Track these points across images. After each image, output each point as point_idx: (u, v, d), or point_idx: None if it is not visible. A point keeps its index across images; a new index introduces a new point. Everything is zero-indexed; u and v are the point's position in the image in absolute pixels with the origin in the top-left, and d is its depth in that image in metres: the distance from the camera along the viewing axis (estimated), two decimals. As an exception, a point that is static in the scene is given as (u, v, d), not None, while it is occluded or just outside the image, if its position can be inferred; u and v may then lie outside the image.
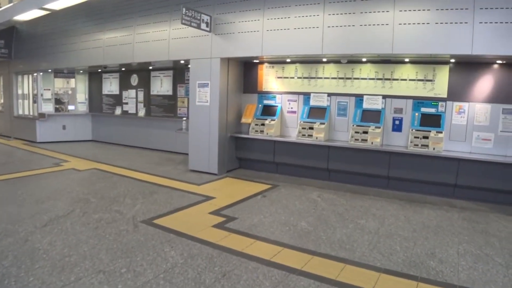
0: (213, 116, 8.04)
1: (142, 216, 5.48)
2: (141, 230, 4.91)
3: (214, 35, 7.93)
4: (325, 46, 6.84)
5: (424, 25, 6.15)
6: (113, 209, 5.72)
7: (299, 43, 7.10)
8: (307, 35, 7.01)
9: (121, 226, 5.02)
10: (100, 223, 5.11)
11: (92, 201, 6.13)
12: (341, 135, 7.85)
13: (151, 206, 5.95)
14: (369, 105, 7.52)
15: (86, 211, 5.60)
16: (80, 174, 8.09)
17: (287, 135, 8.39)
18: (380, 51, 6.52)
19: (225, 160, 8.36)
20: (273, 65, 8.52)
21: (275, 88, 8.53)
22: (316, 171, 7.90)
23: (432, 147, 6.73)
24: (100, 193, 6.59)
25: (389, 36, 6.36)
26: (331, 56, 7.28)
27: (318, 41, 6.89)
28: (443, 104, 7.03)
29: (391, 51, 6.42)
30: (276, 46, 7.34)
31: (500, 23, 5.76)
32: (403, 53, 6.49)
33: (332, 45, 6.83)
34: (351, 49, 6.72)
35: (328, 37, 6.83)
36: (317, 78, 8.03)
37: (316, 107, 7.99)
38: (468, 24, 5.92)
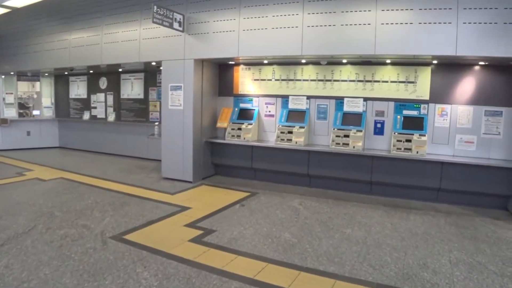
0: (187, 121, 7.60)
1: (111, 231, 4.98)
2: (110, 248, 4.42)
3: (188, 35, 7.51)
4: (305, 46, 6.55)
5: (407, 25, 5.94)
6: (79, 224, 5.19)
7: (278, 43, 6.77)
8: (286, 35, 6.69)
9: (88, 243, 4.52)
10: (65, 241, 4.59)
11: (56, 215, 5.58)
12: (321, 139, 7.55)
13: (122, 219, 5.45)
14: (350, 108, 7.27)
15: (50, 227, 5.05)
16: (45, 185, 7.45)
17: (265, 140, 8.05)
18: (362, 51, 6.27)
19: (200, 167, 7.93)
20: (250, 66, 8.16)
21: (251, 91, 8.18)
22: (296, 177, 7.59)
23: (416, 151, 6.50)
24: (66, 206, 6.03)
25: (371, 36, 6.13)
26: (311, 57, 7.00)
27: (298, 41, 6.58)
28: (425, 107, 6.84)
29: (373, 52, 6.17)
30: (253, 47, 6.99)
31: (484, 24, 5.61)
32: (385, 54, 6.25)
33: (312, 45, 6.54)
34: (332, 49, 6.44)
35: (308, 38, 6.53)
36: (295, 80, 7.74)
37: (295, 111, 7.67)
38: (452, 25, 5.74)
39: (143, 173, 8.64)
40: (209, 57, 7.48)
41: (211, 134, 8.30)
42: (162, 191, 7.11)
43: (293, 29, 6.63)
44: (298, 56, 6.90)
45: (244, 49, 7.04)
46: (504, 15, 5.56)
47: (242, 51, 7.06)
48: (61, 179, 7.92)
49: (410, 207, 6.43)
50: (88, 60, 9.40)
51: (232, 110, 8.19)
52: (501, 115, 6.53)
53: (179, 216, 5.69)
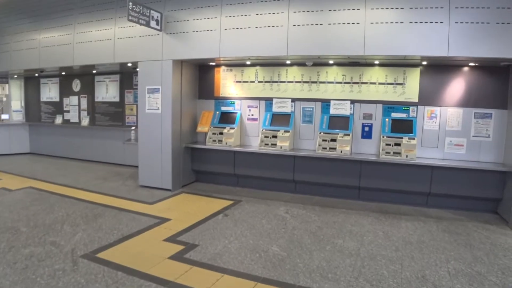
0: (166, 125, 7.14)
1: (83, 248, 4.49)
2: (81, 269, 3.95)
3: (166, 34, 7.08)
4: (290, 46, 6.23)
5: (397, 24, 5.70)
6: (48, 241, 4.68)
7: (262, 43, 6.42)
8: (270, 35, 6.35)
9: (57, 264, 4.04)
10: (31, 261, 4.09)
11: (22, 230, 5.03)
12: (307, 144, 7.24)
13: (95, 234, 4.96)
14: (337, 111, 6.96)
15: (14, 245, 4.52)
16: (11, 195, 6.83)
17: (248, 145, 7.67)
18: (351, 52, 5.98)
19: (180, 174, 7.48)
20: (231, 68, 7.78)
21: (233, 93, 7.79)
22: (281, 183, 7.25)
23: (405, 155, 6.25)
24: (34, 220, 5.48)
25: (360, 36, 5.86)
26: (297, 58, 6.67)
27: (283, 41, 6.25)
28: (414, 109, 6.62)
29: (362, 52, 5.90)
30: (235, 47, 6.61)
31: (476, 23, 5.41)
32: (375, 55, 6.00)
33: (298, 45, 6.22)
34: (319, 50, 6.13)
35: (294, 37, 6.22)
36: (279, 82, 7.38)
37: (279, 114, 7.33)
38: (444, 24, 5.54)
39: (119, 181, 8.13)
40: (189, 58, 7.05)
41: (191, 139, 7.88)
42: (140, 200, 6.63)
43: (278, 28, 6.30)
44: (283, 57, 6.58)
45: (226, 49, 6.66)
46: (497, 14, 5.39)
47: (224, 52, 6.68)
48: (30, 189, 7.31)
49: (400, 213, 6.18)
50: (59, 61, 8.81)
51: (213, 114, 7.77)
52: (491, 117, 6.37)
53: (158, 229, 5.24)
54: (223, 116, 7.73)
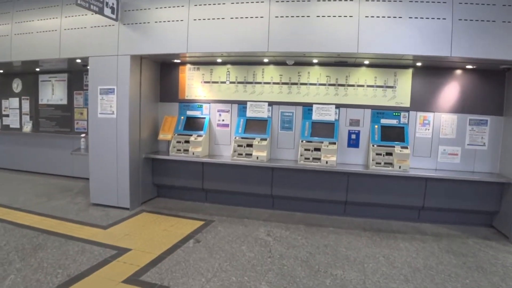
0: (122, 132, 6.00)
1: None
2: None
3: (123, 25, 5.96)
4: (272, 41, 5.34)
5: (395, 19, 5.03)
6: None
7: (238, 37, 5.49)
8: (247, 27, 5.44)
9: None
10: None
11: None
12: (286, 153, 6.35)
13: (33, 275, 3.73)
14: (320, 116, 6.14)
15: None
16: None
17: (218, 155, 6.65)
18: (343, 49, 5.19)
19: (139, 189, 6.34)
20: (199, 66, 6.72)
21: (201, 96, 6.73)
22: (257, 199, 6.31)
23: (398, 166, 5.54)
24: None
25: (354, 31, 5.10)
26: (279, 55, 5.76)
27: (263, 35, 5.35)
28: (405, 115, 5.94)
29: (356, 49, 5.12)
30: (206, 41, 5.62)
31: (481, 21, 4.82)
32: (370, 53, 5.20)
33: (281, 40, 5.34)
34: (306, 46, 5.28)
35: (276, 31, 5.33)
36: (255, 83, 6.44)
37: (255, 119, 6.39)
38: (447, 21, 4.90)
39: (66, 198, 6.79)
40: (150, 53, 5.95)
41: (152, 148, 6.74)
42: (92, 224, 5.43)
43: (257, 20, 5.39)
44: (262, 54, 5.67)
45: (194, 44, 5.65)
46: (503, 12, 4.81)
47: (192, 46, 5.67)
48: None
49: (393, 230, 5.52)
50: (-6, 57, 7.60)
51: (177, 119, 6.68)
52: (486, 124, 5.83)
53: (115, 264, 4.09)
54: (189, 121, 6.66)
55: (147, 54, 6.00)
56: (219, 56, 6.17)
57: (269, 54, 5.73)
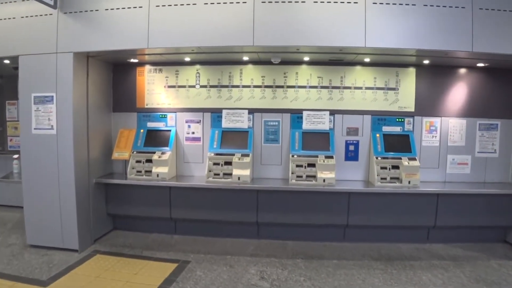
0: (65, 152, 4.53)
1: None
2: None
3: (63, 14, 4.52)
4: (258, 33, 4.18)
5: (408, 7, 4.08)
6: None
7: (214, 28, 4.26)
8: (226, 16, 4.24)
9: None
10: None
11: None
12: (272, 171, 5.19)
13: None
14: (312, 125, 5.07)
15: None
16: None
17: (188, 176, 5.34)
18: (347, 42, 4.14)
19: (90, 223, 4.87)
20: (161, 67, 5.40)
21: (165, 103, 5.41)
22: (239, 227, 5.09)
23: (407, 181, 4.61)
24: None
25: (360, 20, 4.11)
26: (266, 50, 4.55)
27: (246, 25, 4.19)
28: (410, 121, 5.04)
29: (363, 43, 4.10)
30: (173, 33, 4.33)
31: (504, 11, 4.06)
32: (381, 48, 4.18)
33: (269, 32, 4.19)
34: (300, 39, 4.16)
35: (263, 20, 4.19)
36: (231, 86, 5.24)
37: (233, 131, 5.18)
38: (466, 10, 4.05)
39: (-6, 237, 5.36)
40: (99, 50, 4.53)
41: (105, 171, 5.29)
42: (27, 278, 3.92)
43: (239, 6, 4.23)
44: (245, 49, 4.52)
45: (158, 37, 4.35)
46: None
47: (155, 40, 4.35)
48: None
49: (405, 257, 4.60)
50: None
51: (136, 133, 5.31)
52: (497, 129, 5.08)
53: None
54: (150, 136, 5.31)
55: (96, 52, 4.58)
56: (187, 54, 4.86)
57: (253, 50, 4.55)
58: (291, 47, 4.32)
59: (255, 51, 4.62)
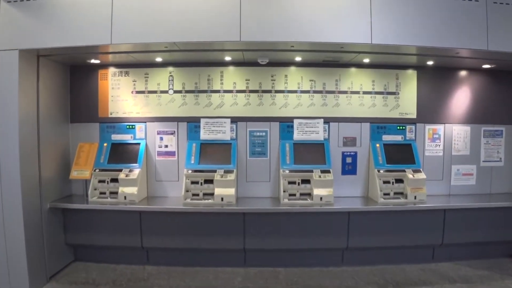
0: (8, 172, 3.60)
1: None
2: None
3: (6, 3, 3.59)
4: (245, 27, 3.45)
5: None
6: None
7: (191, 20, 3.49)
8: (207, 5, 3.47)
9: None
10: None
11: None
12: (260, 189, 4.44)
13: None
14: (304, 135, 4.37)
15: None
16: None
17: (162, 196, 4.49)
18: (352, 39, 3.49)
19: (44, 256, 3.91)
20: (128, 69, 4.54)
21: (133, 112, 4.54)
22: (223, 255, 4.26)
23: (413, 196, 4.05)
24: None
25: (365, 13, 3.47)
26: (255, 47, 3.79)
27: (231, 16, 3.46)
28: (412, 128, 4.47)
29: (369, 40, 3.48)
30: (141, 26, 3.52)
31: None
32: (387, 45, 3.55)
33: (259, 25, 3.47)
34: (296, 33, 3.45)
35: (252, 10, 3.46)
36: (210, 91, 4.46)
37: (213, 143, 4.39)
38: (480, 4, 3.57)
39: None
40: (52, 47, 3.64)
41: (62, 193, 4.35)
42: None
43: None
44: (230, 45, 3.74)
45: (123, 31, 3.52)
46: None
47: (120, 35, 3.52)
48: None
49: (415, 281, 4.03)
50: None
51: (99, 147, 4.40)
52: (501, 135, 4.62)
53: None
54: (115, 150, 4.42)
55: (47, 49, 3.69)
56: (159, 52, 4.02)
57: (239, 47, 3.78)
58: (285, 44, 3.61)
59: (241, 48, 3.84)
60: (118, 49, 3.86)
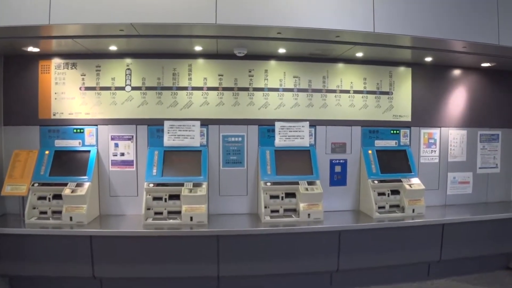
0: None
1: None
2: None
3: None
4: (222, 7, 2.70)
5: None
6: None
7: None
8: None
9: None
10: None
11: None
12: (236, 204, 3.69)
13: None
14: (288, 141, 3.67)
15: None
16: None
17: (118, 215, 3.64)
18: (351, 26, 2.85)
19: None
20: (76, 61, 3.65)
21: (81, 113, 3.66)
22: (192, 284, 3.43)
23: (411, 208, 3.49)
24: None
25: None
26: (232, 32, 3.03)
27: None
28: (406, 133, 3.90)
29: (371, 28, 2.86)
30: (90, 2, 2.69)
31: None
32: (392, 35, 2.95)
33: (239, 6, 2.75)
34: (286, 19, 2.76)
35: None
36: (177, 88, 3.66)
37: (179, 150, 3.61)
38: None
39: None
40: None
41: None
42: None
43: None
44: (203, 30, 2.97)
45: (65, 8, 2.68)
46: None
47: (61, 13, 2.68)
48: None
49: None
50: None
51: (38, 156, 3.51)
52: (498, 140, 4.19)
53: None
54: (60, 159, 3.55)
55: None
56: (113, 38, 3.15)
57: (213, 32, 3.00)
58: (270, 30, 2.88)
59: (216, 34, 3.05)
60: (60, 31, 2.98)
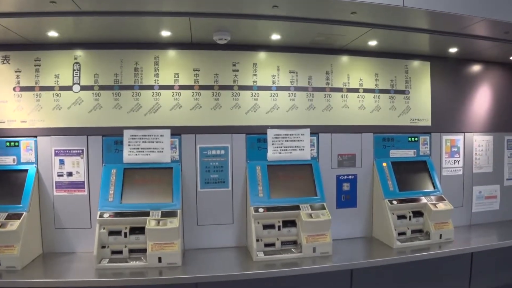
0: None
1: None
2: None
3: None
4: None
5: None
6: None
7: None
8: None
9: None
10: None
11: None
12: (219, 235, 2.72)
13: None
14: (284, 153, 2.75)
15: None
16: None
17: (65, 253, 2.63)
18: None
19: None
20: (8, 53, 2.64)
21: (16, 120, 2.65)
22: None
23: (437, 234, 2.66)
24: None
25: None
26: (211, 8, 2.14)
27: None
28: (426, 140, 3.05)
29: (401, 1, 2.00)
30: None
31: None
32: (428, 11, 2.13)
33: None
34: None
35: None
36: (140, 87, 2.71)
37: (144, 168, 2.64)
38: None
39: None
40: None
41: None
42: None
43: None
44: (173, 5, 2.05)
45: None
46: None
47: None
48: None
49: None
50: None
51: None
52: None
53: None
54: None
55: None
56: (47, 17, 2.19)
57: (187, 8, 2.09)
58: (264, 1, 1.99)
59: (189, 10, 2.12)
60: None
